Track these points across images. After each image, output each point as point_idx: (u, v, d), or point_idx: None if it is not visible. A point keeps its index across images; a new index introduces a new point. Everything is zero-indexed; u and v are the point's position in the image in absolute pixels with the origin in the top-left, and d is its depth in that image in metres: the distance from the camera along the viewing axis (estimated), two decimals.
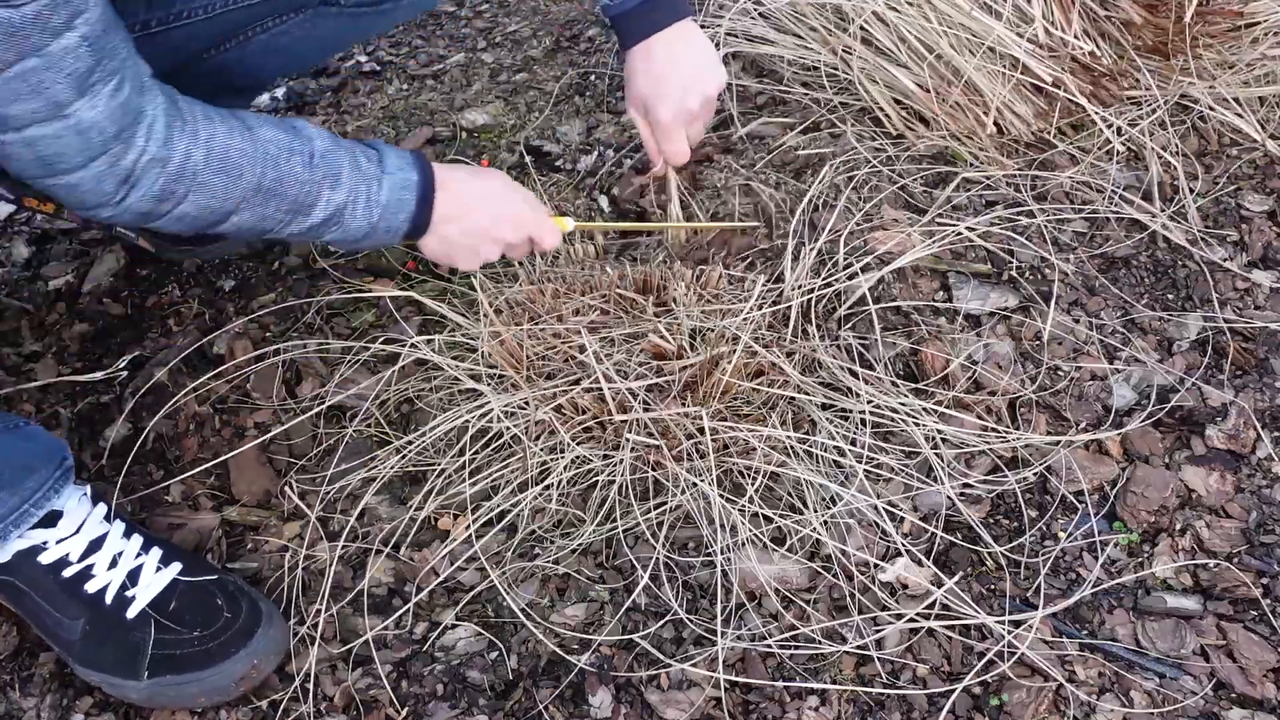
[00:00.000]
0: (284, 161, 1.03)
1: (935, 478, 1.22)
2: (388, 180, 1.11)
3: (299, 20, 1.31)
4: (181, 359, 1.38)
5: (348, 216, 1.09)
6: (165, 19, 1.20)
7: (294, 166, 1.03)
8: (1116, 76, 1.66)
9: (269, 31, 1.30)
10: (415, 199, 1.13)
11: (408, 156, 1.14)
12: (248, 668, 1.05)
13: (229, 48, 1.29)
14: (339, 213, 1.08)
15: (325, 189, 1.06)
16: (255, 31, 1.29)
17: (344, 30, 1.38)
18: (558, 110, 1.87)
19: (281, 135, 1.04)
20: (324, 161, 1.06)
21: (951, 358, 1.32)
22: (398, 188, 1.11)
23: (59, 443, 1.10)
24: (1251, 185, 1.59)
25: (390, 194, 1.11)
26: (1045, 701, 1.03)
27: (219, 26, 1.25)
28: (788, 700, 1.04)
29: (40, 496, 1.05)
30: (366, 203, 1.09)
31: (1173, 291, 1.45)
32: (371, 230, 1.11)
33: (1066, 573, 1.15)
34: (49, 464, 1.07)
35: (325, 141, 1.07)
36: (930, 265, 1.44)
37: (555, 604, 1.14)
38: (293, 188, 1.04)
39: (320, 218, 1.07)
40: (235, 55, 1.30)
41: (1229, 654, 1.07)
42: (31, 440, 1.09)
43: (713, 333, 1.30)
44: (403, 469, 1.25)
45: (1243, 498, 1.20)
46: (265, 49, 1.32)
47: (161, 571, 1.09)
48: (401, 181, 1.12)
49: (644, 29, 1.30)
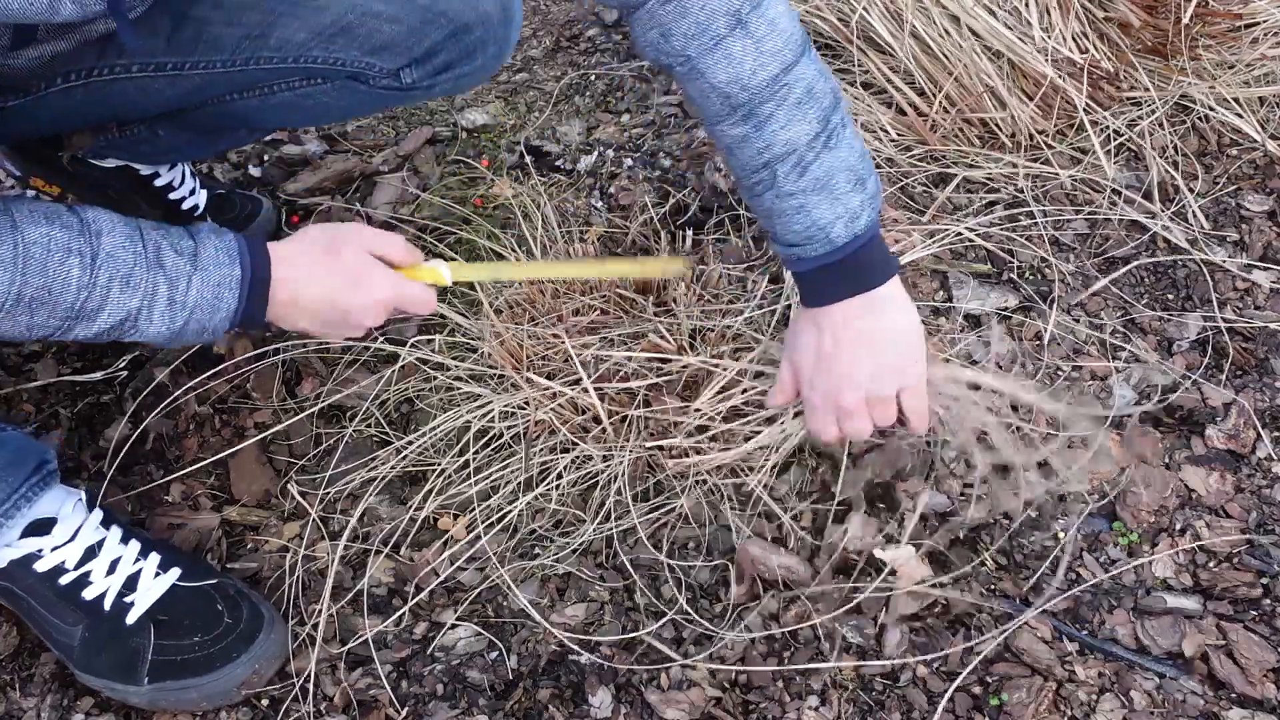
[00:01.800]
0: (54, 266, 0.89)
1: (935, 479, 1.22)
2: (199, 277, 0.95)
3: (326, 88, 1.23)
4: (182, 359, 1.38)
5: (143, 320, 0.94)
6: (181, 65, 1.16)
7: (69, 270, 0.89)
8: (1115, 79, 1.66)
9: (293, 91, 1.23)
10: (238, 297, 0.97)
11: (231, 247, 0.98)
12: (248, 673, 1.05)
13: (248, 97, 1.24)
14: (131, 317, 0.94)
15: (114, 291, 0.92)
16: (277, 90, 1.23)
17: (369, 103, 1.30)
18: (558, 110, 1.87)
19: (58, 234, 0.89)
20: (110, 262, 0.91)
21: (951, 358, 1.32)
22: (213, 285, 0.96)
23: (36, 447, 1.07)
24: (1251, 185, 1.59)
25: (201, 293, 0.96)
26: (1045, 701, 1.03)
27: (239, 80, 1.21)
28: (788, 700, 1.04)
29: (10, 506, 1.02)
30: (169, 304, 0.94)
31: (1173, 291, 1.45)
32: (179, 333, 0.97)
33: (1066, 573, 1.15)
34: (18, 470, 1.04)
35: (118, 237, 0.92)
36: (930, 265, 1.44)
37: (555, 604, 1.14)
38: (65, 294, 0.90)
39: (108, 324, 0.93)
40: (255, 105, 1.25)
41: (1229, 654, 1.07)
42: (10, 445, 1.05)
43: (713, 332, 1.30)
44: (403, 469, 1.25)
45: (1243, 498, 1.20)
46: (288, 105, 1.25)
47: (160, 577, 1.08)
48: (220, 279, 0.96)
49: (824, 294, 1.07)
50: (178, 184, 1.51)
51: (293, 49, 1.16)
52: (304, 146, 1.77)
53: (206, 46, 1.16)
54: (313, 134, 1.81)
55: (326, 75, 1.20)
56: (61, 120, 1.24)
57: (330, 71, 1.17)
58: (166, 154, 1.45)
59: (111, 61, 1.14)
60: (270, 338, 1.44)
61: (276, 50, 1.16)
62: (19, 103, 1.14)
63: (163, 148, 1.42)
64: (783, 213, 1.04)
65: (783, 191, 1.03)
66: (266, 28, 1.15)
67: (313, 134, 1.81)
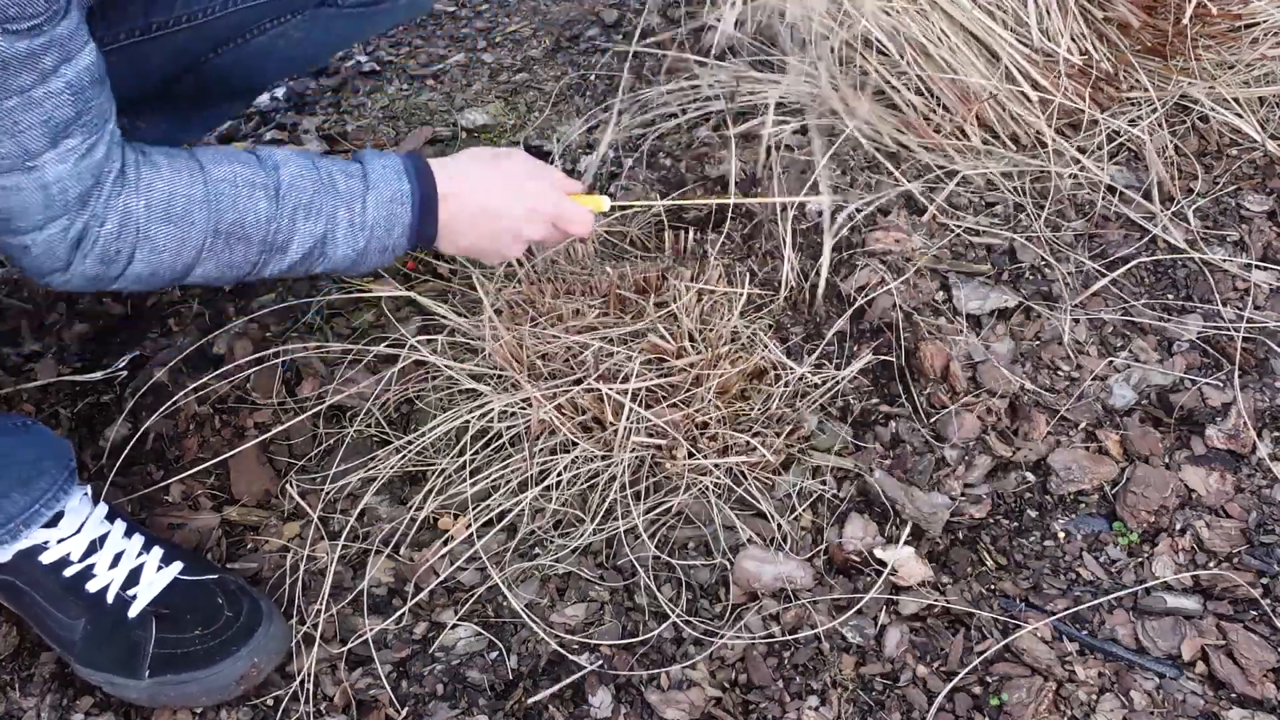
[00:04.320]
0: (244, 199, 0.94)
1: (936, 481, 1.22)
2: (373, 196, 1.00)
3: (296, 22, 1.28)
4: (181, 359, 1.38)
5: (330, 247, 0.99)
6: (166, 23, 1.18)
7: (256, 202, 0.94)
8: (1114, 80, 1.66)
9: (266, 34, 1.27)
10: (410, 210, 1.02)
11: (397, 165, 1.03)
12: (248, 666, 1.05)
13: (226, 51, 1.27)
14: (319, 244, 0.98)
15: (299, 220, 0.96)
16: (253, 34, 1.27)
17: (342, 30, 1.35)
18: (558, 110, 1.87)
19: (240, 170, 0.94)
20: (292, 192, 0.96)
21: (952, 358, 1.32)
22: (386, 202, 1.01)
23: (65, 444, 1.10)
24: (1251, 185, 1.59)
25: (377, 211, 1.01)
26: (1045, 701, 1.03)
27: (219, 29, 1.23)
28: (788, 700, 1.04)
29: (50, 497, 1.05)
30: (349, 226, 0.99)
31: (1173, 291, 1.45)
32: (362, 254, 1.02)
33: (1066, 573, 1.15)
34: (58, 464, 1.07)
35: (294, 167, 0.97)
36: (930, 265, 1.44)
37: (555, 604, 1.14)
38: (258, 228, 0.95)
39: (299, 254, 0.98)
40: (231, 59, 1.28)
41: (1229, 654, 1.07)
42: (41, 440, 1.08)
43: (712, 332, 1.30)
44: (403, 469, 1.25)
45: (1243, 498, 1.20)
46: (263, 52, 1.29)
47: (162, 571, 1.09)
48: (391, 195, 1.01)
49: None
50: None
51: None
52: (304, 146, 1.77)
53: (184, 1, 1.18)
54: (312, 133, 1.82)
55: (297, 7, 1.24)
56: None
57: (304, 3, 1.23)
58: None
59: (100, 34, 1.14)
60: (270, 337, 1.44)
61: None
62: None
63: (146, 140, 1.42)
64: None
65: None
66: None
67: (312, 133, 1.82)
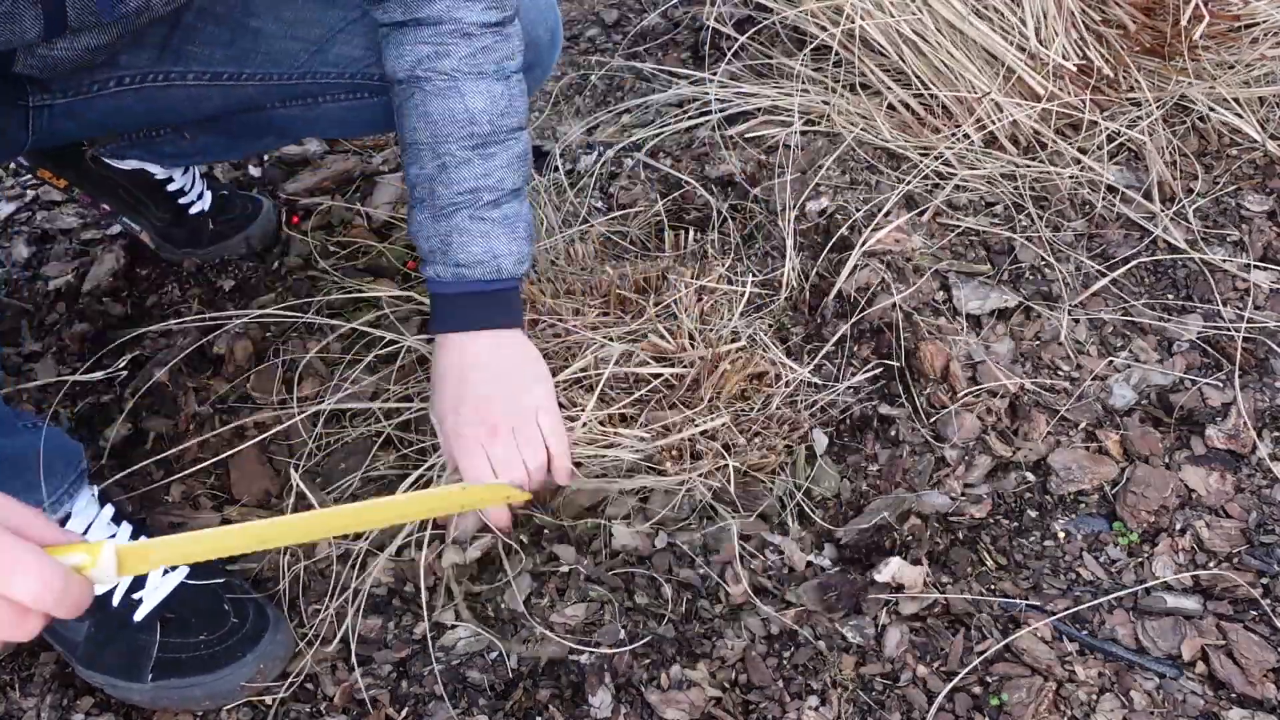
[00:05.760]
0: None
1: (937, 481, 1.22)
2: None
3: (374, 102, 1.24)
4: (181, 359, 1.38)
5: None
6: (237, 76, 1.17)
7: None
8: (1114, 80, 1.66)
9: (339, 104, 1.25)
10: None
11: None
12: (252, 673, 1.05)
13: (294, 105, 1.25)
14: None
15: None
16: (325, 101, 1.24)
17: None
18: (558, 110, 1.87)
19: None
20: None
21: (952, 358, 1.32)
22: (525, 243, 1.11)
23: (77, 446, 1.09)
24: (1251, 185, 1.59)
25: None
26: (1045, 701, 1.03)
27: (290, 93, 1.22)
28: (788, 700, 1.04)
29: (61, 496, 1.04)
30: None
31: (1173, 291, 1.45)
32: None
33: (1066, 573, 1.15)
34: (69, 466, 1.06)
35: None
36: (930, 265, 1.44)
37: (555, 604, 1.14)
38: None
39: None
40: (299, 115, 1.27)
41: (1229, 654, 1.07)
42: (53, 441, 1.07)
43: (712, 332, 1.30)
44: (402, 469, 1.25)
45: (1243, 498, 1.20)
46: (331, 118, 1.28)
47: (169, 575, 1.08)
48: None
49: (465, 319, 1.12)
50: (189, 189, 1.51)
51: (350, 64, 1.17)
52: (304, 146, 1.77)
53: (265, 59, 1.16)
54: None
55: (377, 90, 1.20)
56: (106, 122, 1.23)
57: (384, 87, 1.16)
58: (189, 157, 1.45)
59: (168, 68, 1.14)
60: (270, 337, 1.44)
61: (335, 65, 1.17)
62: (66, 102, 1.13)
63: (186, 150, 1.41)
64: (469, 233, 1.07)
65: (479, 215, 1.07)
66: (326, 43, 1.16)
67: None
